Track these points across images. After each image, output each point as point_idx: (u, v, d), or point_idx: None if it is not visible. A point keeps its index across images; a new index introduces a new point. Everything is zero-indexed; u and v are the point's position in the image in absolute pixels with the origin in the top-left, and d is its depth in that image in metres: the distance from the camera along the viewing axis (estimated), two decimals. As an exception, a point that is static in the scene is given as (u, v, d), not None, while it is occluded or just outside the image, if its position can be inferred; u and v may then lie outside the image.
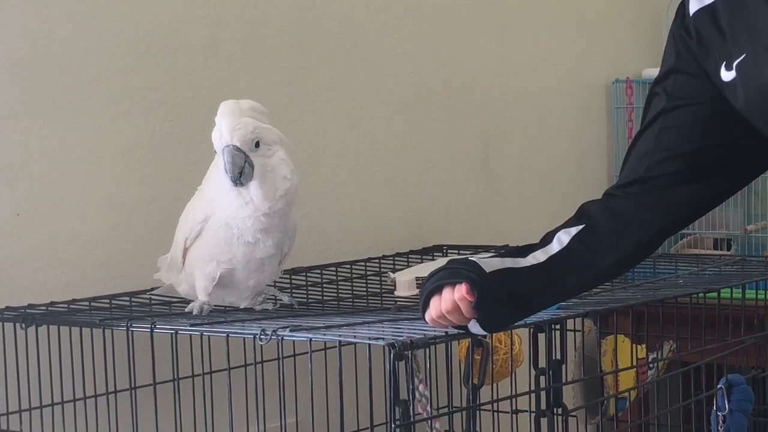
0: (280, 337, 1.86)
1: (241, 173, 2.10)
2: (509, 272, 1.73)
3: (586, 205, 1.80)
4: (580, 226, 1.76)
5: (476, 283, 1.68)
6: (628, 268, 1.87)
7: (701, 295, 2.39)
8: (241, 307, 2.24)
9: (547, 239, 1.77)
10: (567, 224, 1.78)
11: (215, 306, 2.22)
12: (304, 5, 2.88)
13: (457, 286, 1.69)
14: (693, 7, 1.69)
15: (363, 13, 3.02)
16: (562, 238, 1.75)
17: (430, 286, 1.73)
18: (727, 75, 1.64)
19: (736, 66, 1.62)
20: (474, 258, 1.75)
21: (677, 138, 1.73)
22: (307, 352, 1.84)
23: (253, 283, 2.21)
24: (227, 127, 2.13)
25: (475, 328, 1.75)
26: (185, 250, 2.21)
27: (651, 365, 2.78)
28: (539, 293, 1.76)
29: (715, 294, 2.41)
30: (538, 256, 1.75)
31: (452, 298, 1.70)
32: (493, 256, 1.78)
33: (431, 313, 1.74)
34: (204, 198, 2.20)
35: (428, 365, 2.15)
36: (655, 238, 1.80)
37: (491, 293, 1.70)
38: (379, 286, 2.60)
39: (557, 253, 1.75)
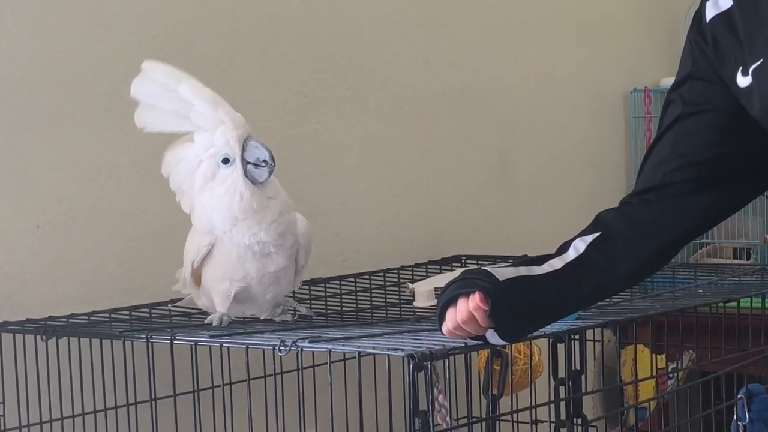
0: (299, 348, 1.86)
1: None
2: (524, 279, 1.73)
3: (602, 213, 1.80)
4: (596, 234, 1.76)
5: (490, 291, 1.68)
6: (645, 276, 1.87)
7: (721, 304, 2.38)
8: (261, 318, 2.24)
9: (563, 248, 1.78)
10: (583, 232, 1.78)
11: (235, 317, 2.22)
12: (320, 16, 2.88)
13: (471, 296, 1.70)
14: (709, 14, 1.69)
15: (379, 23, 3.03)
16: (579, 246, 1.76)
17: (445, 298, 1.74)
18: (743, 81, 1.64)
19: (753, 71, 1.62)
20: (487, 268, 1.75)
21: (694, 145, 1.73)
22: (327, 363, 1.84)
23: (270, 296, 2.20)
24: (238, 120, 2.07)
25: (493, 338, 1.75)
26: (194, 272, 2.20)
27: (671, 375, 2.77)
28: (555, 300, 1.76)
29: (734, 303, 2.41)
30: (555, 264, 1.76)
31: (467, 308, 1.70)
32: (507, 266, 1.78)
33: (448, 325, 1.74)
34: (204, 231, 2.15)
35: (447, 376, 2.15)
36: (672, 246, 1.79)
37: (505, 301, 1.70)
38: (398, 297, 2.60)
39: (573, 260, 1.75)
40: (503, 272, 1.73)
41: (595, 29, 3.66)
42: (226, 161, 2.08)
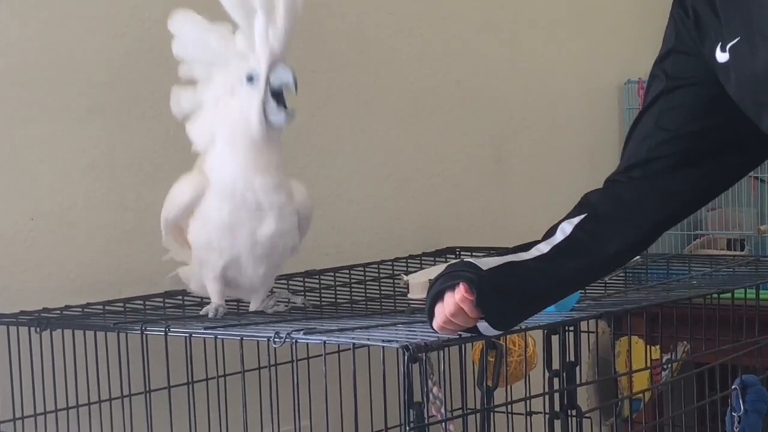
0: (294, 340, 1.86)
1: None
2: (510, 266, 1.73)
3: (588, 193, 1.81)
4: (583, 215, 1.77)
5: (474, 281, 1.68)
6: (632, 255, 1.86)
7: (715, 295, 2.38)
8: (252, 309, 2.22)
9: (550, 232, 1.78)
10: (570, 214, 1.79)
11: (229, 309, 2.20)
12: (316, 9, 2.88)
13: (457, 288, 1.70)
14: None
15: (374, 16, 3.02)
16: (565, 228, 1.77)
17: (432, 294, 1.74)
18: (721, 56, 1.65)
19: (729, 49, 1.63)
20: (471, 259, 1.75)
21: (677, 119, 1.74)
22: (321, 355, 1.84)
23: (263, 271, 2.13)
24: (278, 45, 1.98)
25: (486, 329, 1.75)
26: (169, 227, 2.17)
27: (665, 366, 2.77)
28: (543, 283, 1.76)
29: (729, 294, 2.41)
30: (542, 248, 1.76)
31: (454, 300, 1.70)
32: (494, 255, 1.78)
33: (437, 320, 1.74)
34: (202, 143, 2.09)
35: (442, 367, 2.15)
36: (657, 225, 1.80)
37: (491, 288, 1.70)
38: (392, 289, 2.60)
39: (560, 242, 1.76)
40: (488, 262, 1.73)
41: (588, 21, 3.66)
42: (250, 79, 2.02)
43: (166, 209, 2.15)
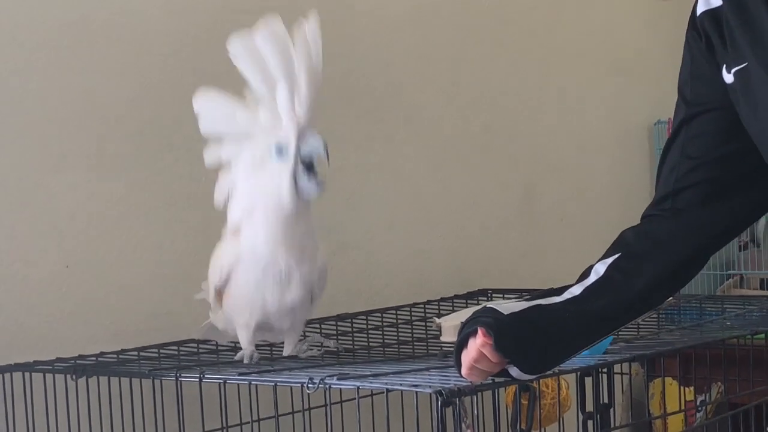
0: (327, 386, 1.86)
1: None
2: (536, 309, 1.73)
3: (624, 232, 1.81)
4: (617, 255, 1.76)
5: (491, 325, 1.68)
6: (663, 293, 1.83)
7: (749, 336, 2.37)
8: (286, 354, 2.23)
9: (585, 273, 1.78)
10: (605, 255, 1.78)
11: (261, 347, 2.19)
12: (344, 53, 2.90)
13: (477, 334, 1.70)
14: (700, 9, 1.72)
15: (403, 58, 3.04)
16: (599, 269, 1.76)
17: (458, 343, 1.74)
18: (728, 77, 1.66)
19: (735, 73, 1.63)
20: (492, 304, 1.75)
21: (702, 146, 1.74)
22: (355, 399, 1.85)
23: (287, 325, 2.18)
24: (304, 113, 1.96)
25: (517, 373, 1.75)
26: (218, 293, 2.19)
27: (699, 408, 2.76)
28: (567, 325, 1.74)
29: (763, 335, 2.40)
30: (574, 291, 1.76)
31: (476, 346, 1.70)
32: (523, 300, 1.78)
33: (464, 367, 1.74)
34: (234, 238, 2.12)
35: (476, 411, 2.14)
36: (689, 260, 1.78)
37: (510, 332, 1.69)
38: (424, 332, 2.60)
39: (593, 283, 1.75)
40: (513, 306, 1.73)
41: (618, 61, 3.67)
42: (279, 151, 2.00)
43: (215, 275, 2.16)
